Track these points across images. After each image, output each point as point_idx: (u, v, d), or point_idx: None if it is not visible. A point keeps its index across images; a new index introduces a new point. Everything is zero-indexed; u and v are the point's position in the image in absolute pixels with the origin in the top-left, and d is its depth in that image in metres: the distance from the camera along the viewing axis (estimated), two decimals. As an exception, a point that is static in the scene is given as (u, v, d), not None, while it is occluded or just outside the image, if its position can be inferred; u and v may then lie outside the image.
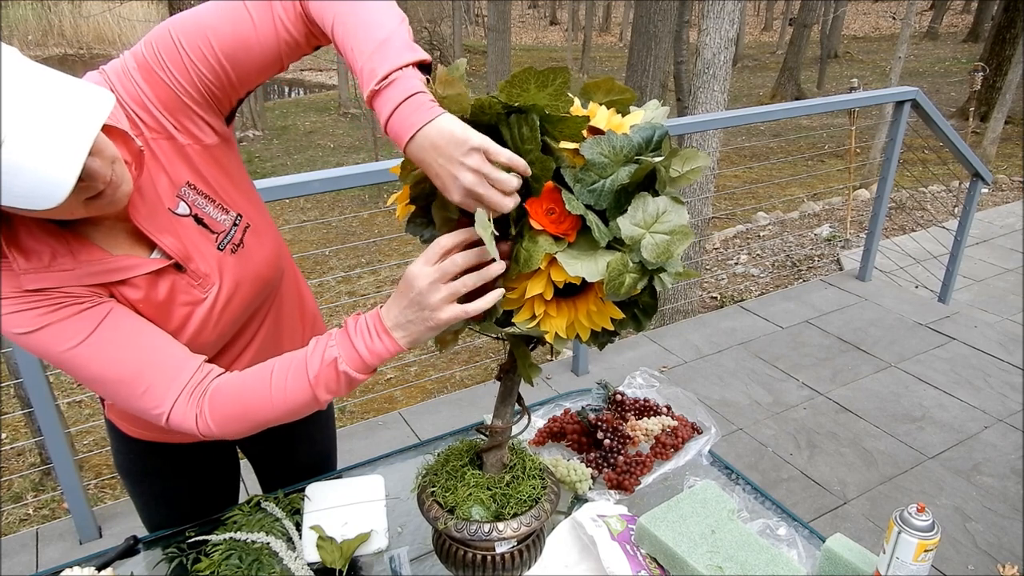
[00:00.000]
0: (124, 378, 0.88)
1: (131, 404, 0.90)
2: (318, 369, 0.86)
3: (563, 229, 0.77)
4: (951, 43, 17.42)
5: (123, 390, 0.89)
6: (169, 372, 0.89)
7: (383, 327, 0.84)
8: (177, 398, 0.89)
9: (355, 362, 0.85)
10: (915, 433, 2.66)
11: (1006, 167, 7.91)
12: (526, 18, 27.93)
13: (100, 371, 0.87)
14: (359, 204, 8.15)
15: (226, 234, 0.97)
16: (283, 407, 0.89)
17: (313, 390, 0.87)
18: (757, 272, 5.63)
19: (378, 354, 0.85)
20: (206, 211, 0.94)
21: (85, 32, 19.03)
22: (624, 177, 0.76)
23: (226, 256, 0.97)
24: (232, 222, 0.97)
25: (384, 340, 0.84)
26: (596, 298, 0.80)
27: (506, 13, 11.47)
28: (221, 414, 0.89)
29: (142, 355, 0.89)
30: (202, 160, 0.93)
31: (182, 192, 0.92)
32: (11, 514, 3.11)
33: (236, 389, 0.90)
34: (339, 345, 0.86)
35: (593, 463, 1.27)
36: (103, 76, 0.87)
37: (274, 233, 1.08)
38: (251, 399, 0.89)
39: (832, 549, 1.04)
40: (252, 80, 0.93)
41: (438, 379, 4.43)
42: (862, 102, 3.99)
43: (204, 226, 0.95)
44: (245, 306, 1.04)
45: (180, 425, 0.90)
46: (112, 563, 1.08)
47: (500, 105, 0.75)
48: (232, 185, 0.98)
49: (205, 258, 0.95)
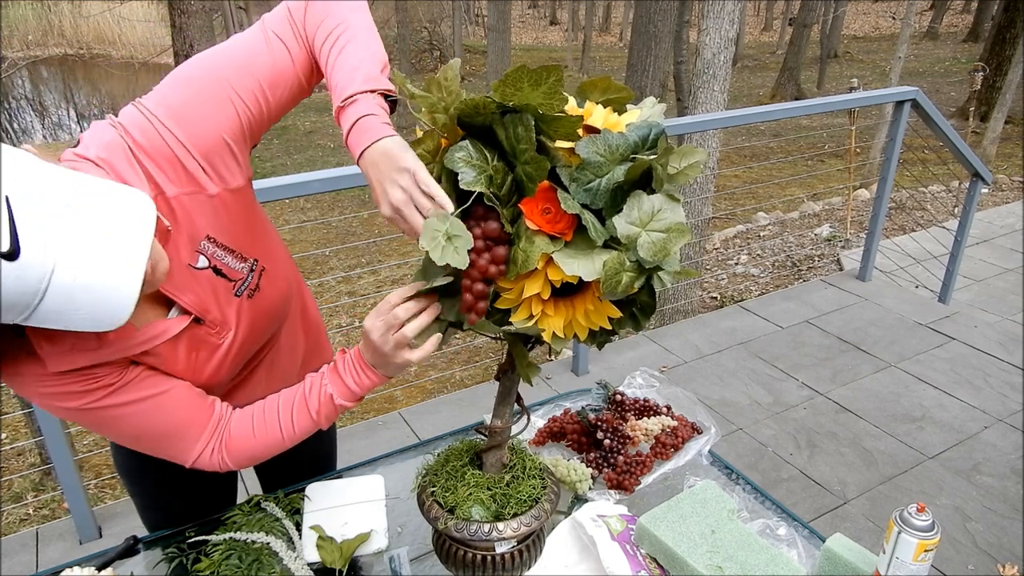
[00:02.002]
0: (152, 436, 0.95)
1: (159, 454, 0.98)
2: (318, 406, 0.99)
3: (559, 228, 0.77)
4: (951, 43, 17.42)
5: (151, 445, 0.97)
6: (194, 428, 0.96)
7: (365, 364, 0.96)
8: (203, 450, 0.97)
9: (348, 395, 0.98)
10: (915, 433, 2.66)
11: (1006, 167, 7.91)
12: (526, 18, 27.92)
13: (128, 433, 0.94)
14: (359, 204, 8.15)
15: (243, 281, 0.99)
16: (292, 441, 1.02)
17: (316, 422, 1.01)
18: (757, 272, 5.63)
19: (367, 386, 0.97)
20: (224, 261, 0.95)
21: (85, 32, 19.02)
22: (620, 175, 0.76)
23: (243, 301, 1.00)
24: (249, 268, 0.99)
25: (368, 374, 0.96)
26: (594, 297, 0.80)
27: (506, 13, 11.46)
28: (237, 456, 1.00)
29: (168, 416, 0.94)
30: (224, 208, 0.93)
31: (202, 246, 0.92)
32: (11, 514, 3.11)
33: (248, 432, 1.00)
34: (332, 383, 0.98)
35: (593, 463, 1.27)
36: (118, 129, 0.85)
37: (287, 264, 1.10)
38: (264, 442, 1.00)
39: (832, 549, 1.04)
40: (286, 107, 0.97)
41: (438, 379, 4.43)
42: (862, 102, 3.99)
43: (222, 275, 0.96)
44: (258, 343, 1.08)
45: (203, 468, 0.99)
46: (112, 563, 1.08)
47: (494, 105, 0.75)
48: (251, 228, 0.99)
49: (222, 307, 0.97)
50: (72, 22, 19.06)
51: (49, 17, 18.97)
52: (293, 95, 0.96)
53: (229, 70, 0.90)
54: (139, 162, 0.85)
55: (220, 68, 0.90)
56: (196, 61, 0.91)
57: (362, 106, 0.84)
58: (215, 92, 0.88)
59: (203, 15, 6.12)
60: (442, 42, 17.75)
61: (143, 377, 0.91)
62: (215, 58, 0.91)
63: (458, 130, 0.78)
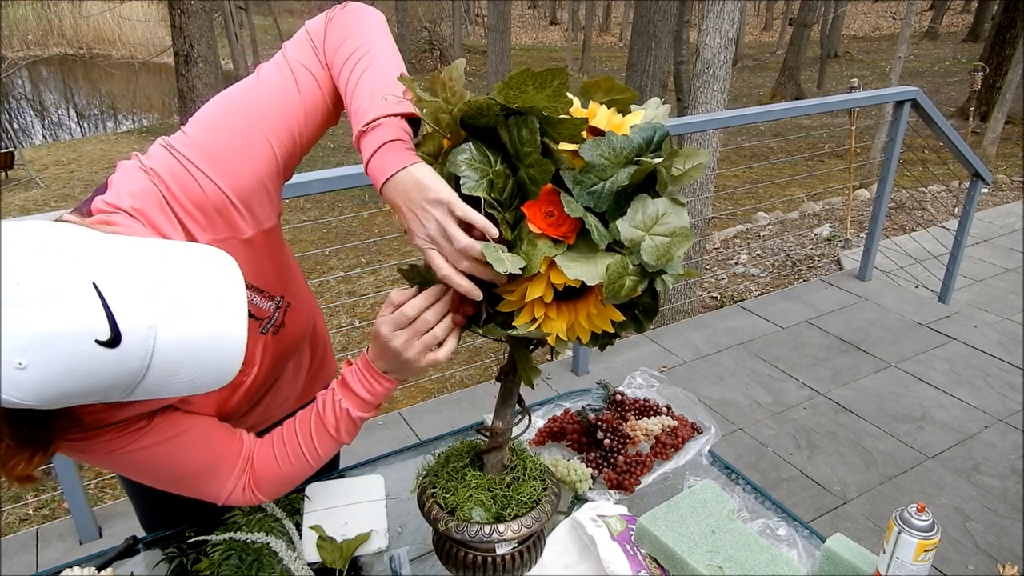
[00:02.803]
0: (187, 476, 0.94)
1: (194, 495, 0.96)
2: (336, 423, 0.96)
3: (562, 232, 0.76)
4: (951, 43, 17.42)
5: (187, 486, 0.95)
6: (225, 464, 0.95)
7: (377, 372, 0.92)
8: (235, 486, 0.96)
9: (363, 407, 0.95)
10: (915, 433, 2.66)
11: (1006, 167, 7.91)
12: (526, 18, 27.92)
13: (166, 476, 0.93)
14: (359, 204, 8.16)
15: (269, 319, 0.98)
16: (318, 462, 1.00)
17: (339, 440, 0.99)
18: (757, 272, 5.64)
19: (381, 394, 0.95)
20: (254, 302, 0.95)
21: (85, 32, 19.03)
22: (624, 179, 0.76)
23: (268, 338, 0.99)
24: (276, 306, 0.99)
25: (382, 382, 0.93)
26: (596, 300, 0.80)
27: (506, 13, 11.47)
28: (268, 489, 0.99)
29: (198, 452, 0.92)
30: (256, 251, 0.91)
31: None
32: (11, 514, 3.11)
33: (273, 464, 0.98)
34: (346, 398, 0.95)
35: (593, 463, 1.27)
36: (151, 176, 0.83)
37: (306, 294, 1.10)
38: (291, 470, 0.99)
39: (832, 549, 1.04)
40: (317, 136, 0.95)
41: (438, 379, 4.43)
42: (862, 102, 3.99)
43: (251, 316, 0.93)
44: (277, 374, 1.08)
45: (236, 503, 0.98)
46: (112, 563, 1.08)
47: (498, 107, 0.75)
48: (278, 265, 0.98)
49: (249, 346, 0.94)
50: (72, 22, 19.06)
51: (49, 17, 18.97)
52: (323, 123, 0.94)
53: (262, 110, 0.88)
54: (172, 211, 0.83)
55: (252, 109, 0.88)
56: (227, 103, 0.89)
57: (387, 131, 0.81)
58: (251, 136, 0.86)
59: (203, 15, 6.12)
60: (442, 42, 17.75)
61: (170, 415, 0.89)
62: (246, 98, 0.89)
63: (461, 131, 0.78)
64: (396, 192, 0.78)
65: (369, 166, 0.81)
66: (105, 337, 0.61)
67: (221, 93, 0.91)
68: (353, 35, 0.90)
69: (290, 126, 0.89)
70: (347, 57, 0.89)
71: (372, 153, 0.81)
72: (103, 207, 0.81)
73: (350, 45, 0.90)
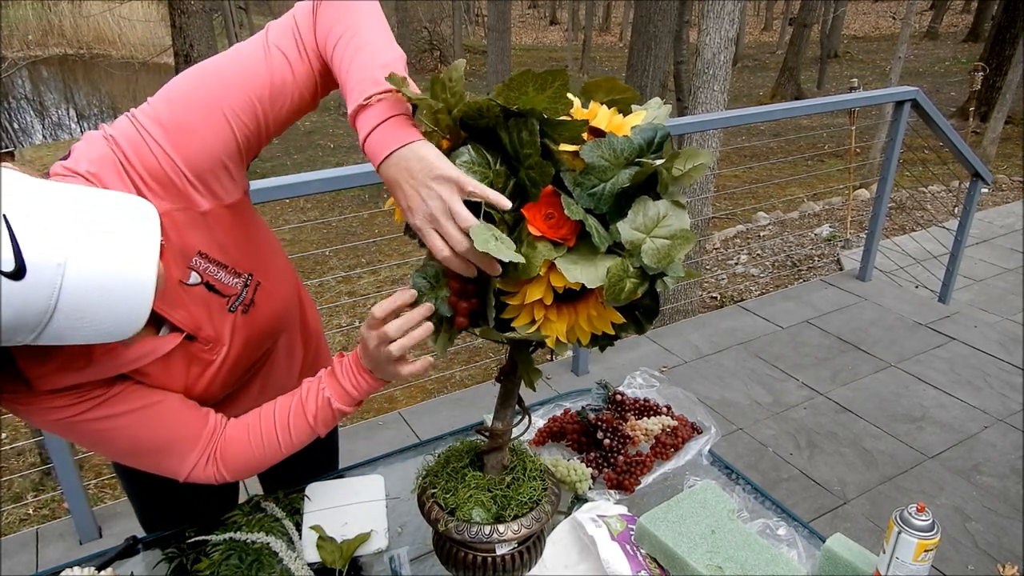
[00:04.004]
0: (144, 451, 0.93)
1: (151, 470, 0.96)
2: (315, 411, 0.97)
3: (562, 234, 0.76)
4: (951, 43, 17.41)
5: (143, 461, 0.95)
6: (187, 442, 0.94)
7: (363, 368, 0.95)
8: (196, 463, 0.96)
9: (345, 399, 0.97)
10: (915, 433, 2.66)
11: (1006, 167, 7.91)
12: (526, 18, 27.91)
13: (121, 449, 0.93)
14: (359, 204, 8.15)
15: (237, 296, 0.96)
16: (289, 448, 1.00)
17: (314, 429, 0.99)
18: (757, 272, 5.63)
19: (364, 390, 0.96)
20: (217, 277, 0.93)
21: (85, 32, 19.01)
22: (624, 180, 0.75)
23: (237, 317, 0.97)
24: (243, 284, 0.96)
25: (367, 378, 0.96)
26: (597, 303, 0.80)
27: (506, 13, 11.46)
28: (234, 466, 0.98)
29: (160, 430, 0.92)
30: (217, 224, 0.90)
31: (193, 262, 0.89)
32: (11, 514, 3.11)
33: (244, 442, 0.98)
34: (329, 387, 0.97)
35: (593, 463, 1.27)
36: (109, 142, 0.83)
37: (286, 277, 1.07)
38: (260, 449, 0.98)
39: (832, 549, 1.04)
40: (287, 122, 0.93)
41: (438, 379, 4.43)
42: (862, 102, 3.99)
43: (215, 291, 0.93)
44: (254, 358, 1.07)
45: (198, 480, 0.97)
46: (112, 563, 1.08)
47: (498, 108, 0.74)
48: (245, 242, 0.96)
49: (215, 323, 0.94)
50: (72, 22, 19.05)
51: (49, 17, 18.96)
52: (293, 109, 0.92)
53: (226, 87, 0.85)
54: (130, 178, 0.82)
55: (217, 85, 0.86)
56: (194, 76, 0.87)
57: (388, 107, 0.78)
58: (211, 111, 0.84)
59: (203, 15, 6.11)
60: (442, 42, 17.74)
61: (132, 389, 0.89)
62: (213, 74, 0.87)
63: (460, 132, 0.78)
64: (397, 169, 0.75)
65: (368, 141, 0.78)
66: (9, 268, 0.61)
67: (196, 65, 0.89)
68: (344, 16, 0.88)
69: (254, 107, 0.87)
70: (338, 38, 0.86)
71: (372, 128, 0.78)
72: (59, 171, 0.81)
73: (340, 28, 0.87)
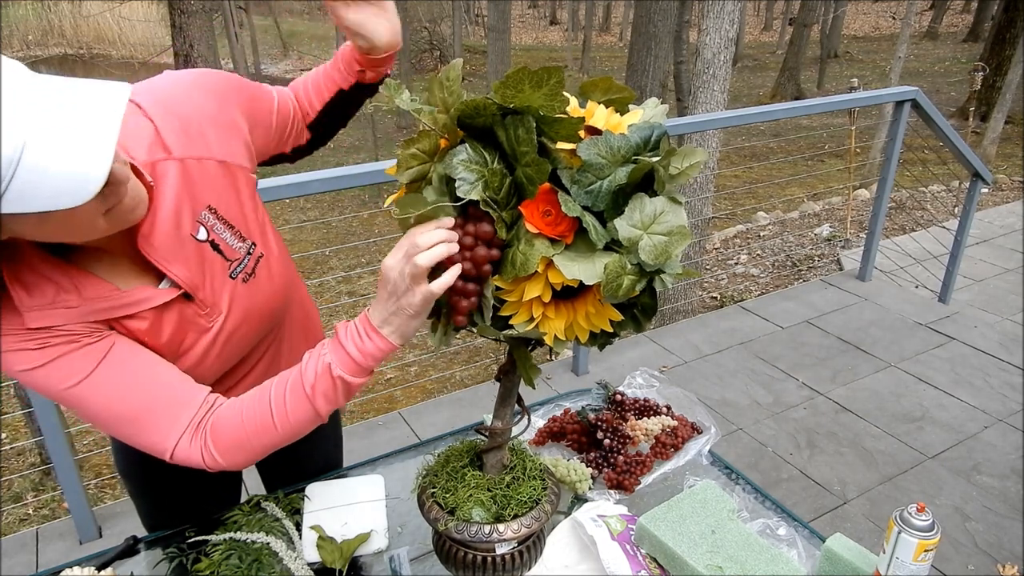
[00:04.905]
0: (127, 416, 0.86)
1: (135, 441, 0.89)
2: (313, 380, 0.86)
3: (559, 231, 0.76)
4: (951, 43, 17.42)
5: (126, 428, 0.88)
6: (174, 409, 0.88)
7: (370, 326, 0.84)
8: (181, 435, 0.87)
9: (348, 366, 0.85)
10: (915, 433, 2.66)
11: (1006, 167, 7.91)
12: (526, 18, 27.92)
13: (103, 409, 0.85)
14: (359, 204, 8.15)
15: (240, 262, 0.95)
16: (285, 428, 0.88)
17: (312, 403, 0.87)
18: (757, 272, 5.64)
19: (370, 354, 0.85)
20: (223, 237, 0.93)
21: (85, 32, 19.02)
22: (622, 178, 0.76)
23: (237, 285, 0.95)
24: (247, 250, 0.96)
25: (373, 339, 0.84)
26: (595, 300, 0.80)
27: (506, 13, 11.47)
28: (225, 445, 0.88)
29: (146, 393, 0.86)
30: (231, 181, 0.93)
31: (203, 216, 0.90)
32: (11, 514, 3.11)
33: (237, 417, 0.88)
34: (331, 352, 0.86)
35: (593, 463, 1.27)
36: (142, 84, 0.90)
37: (287, 265, 1.07)
38: (253, 425, 0.88)
39: (832, 549, 1.04)
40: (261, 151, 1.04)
41: (438, 379, 4.44)
42: (862, 102, 3.99)
43: (219, 252, 0.92)
44: (251, 337, 1.03)
45: (186, 461, 0.88)
46: (112, 563, 1.08)
47: (495, 107, 0.75)
48: (252, 211, 0.97)
49: (215, 286, 0.93)
50: (72, 22, 19.05)
51: (49, 17, 18.96)
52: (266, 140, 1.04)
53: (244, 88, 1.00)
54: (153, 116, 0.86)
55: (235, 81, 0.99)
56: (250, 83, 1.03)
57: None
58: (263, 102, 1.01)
59: (203, 15, 6.11)
60: (442, 42, 17.74)
61: (123, 344, 0.86)
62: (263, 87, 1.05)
63: (458, 131, 0.78)
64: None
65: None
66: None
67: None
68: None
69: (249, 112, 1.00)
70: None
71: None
72: None
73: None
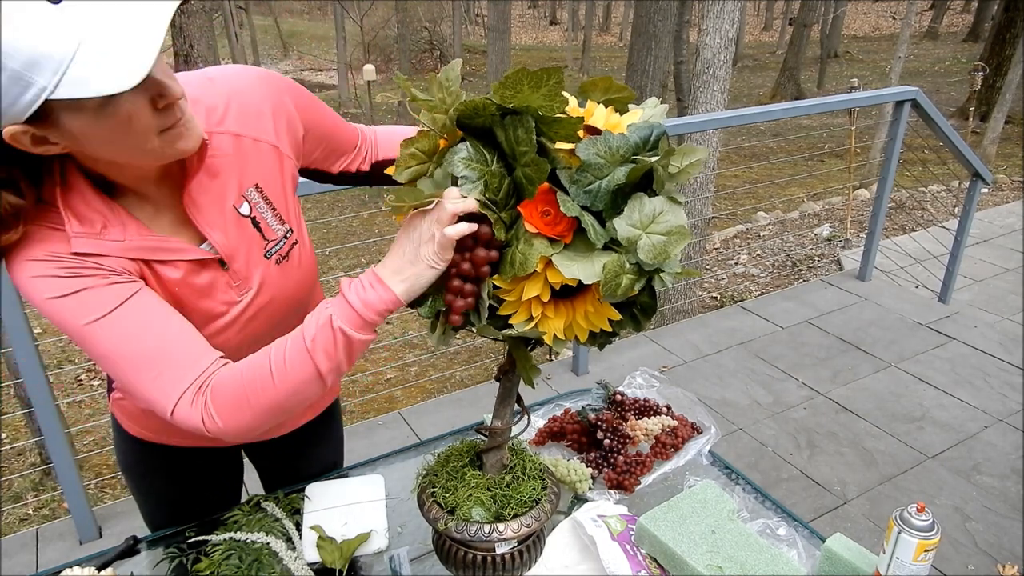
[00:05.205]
0: (137, 361, 0.85)
1: (140, 392, 0.87)
2: (314, 332, 0.83)
3: (558, 231, 0.76)
4: (951, 43, 17.43)
5: (133, 375, 0.85)
6: (184, 364, 0.86)
7: (376, 277, 0.82)
8: (183, 393, 0.85)
9: (350, 317, 0.82)
10: (915, 433, 2.66)
11: (1006, 167, 7.91)
12: (526, 18, 27.94)
13: (115, 349, 0.84)
14: (359, 204, 8.16)
15: (276, 243, 0.98)
16: (284, 384, 0.84)
17: (312, 357, 0.83)
18: (757, 272, 5.64)
19: (372, 305, 0.82)
20: (265, 216, 0.96)
21: None
22: (620, 177, 0.76)
23: (270, 265, 0.98)
24: (284, 234, 0.99)
25: (377, 288, 0.82)
26: (594, 299, 0.80)
27: (506, 13, 11.47)
28: (223, 405, 0.84)
29: (160, 342, 0.86)
30: (279, 167, 0.98)
31: (248, 192, 0.94)
32: (11, 514, 3.11)
33: (237, 377, 0.86)
34: (334, 304, 0.83)
35: (593, 463, 1.27)
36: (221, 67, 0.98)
37: (314, 259, 1.10)
38: (252, 383, 0.85)
39: (832, 549, 1.04)
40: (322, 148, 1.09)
41: (438, 379, 4.44)
42: (862, 102, 3.99)
43: (259, 230, 0.96)
44: (272, 323, 1.03)
45: (186, 421, 0.85)
46: (112, 563, 1.08)
47: (494, 107, 0.75)
48: (293, 200, 1.02)
49: (250, 261, 0.96)
50: (72, 22, 19.04)
51: (49, 17, 18.94)
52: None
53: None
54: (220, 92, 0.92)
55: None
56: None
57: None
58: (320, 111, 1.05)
59: (203, 15, 6.11)
60: (442, 42, 17.76)
61: (148, 293, 0.87)
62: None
63: (457, 131, 0.78)
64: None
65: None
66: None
67: None
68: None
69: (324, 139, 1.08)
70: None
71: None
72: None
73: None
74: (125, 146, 0.78)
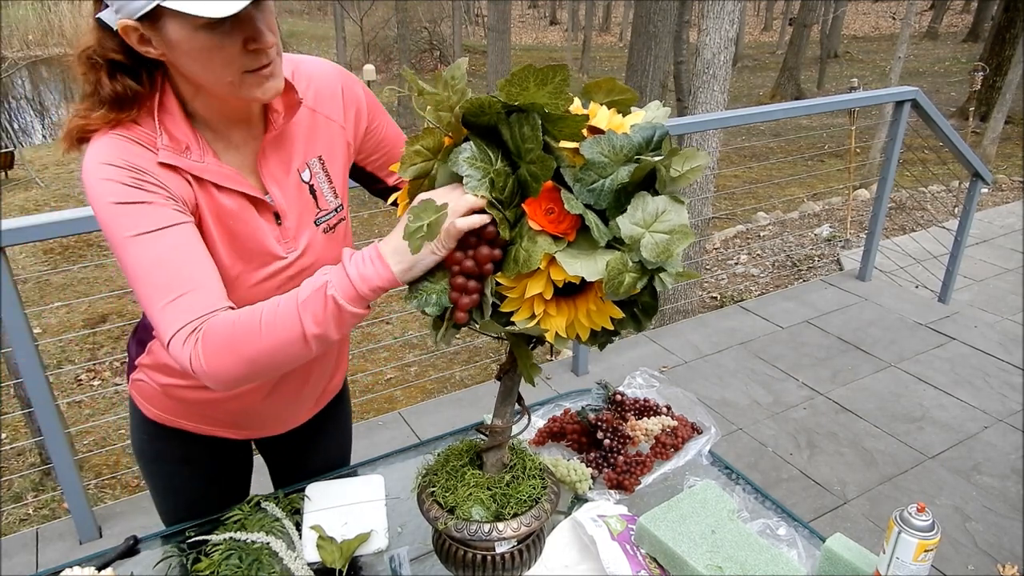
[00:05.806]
0: (160, 283, 0.87)
1: (151, 312, 0.88)
2: (308, 294, 0.84)
3: (562, 229, 0.77)
4: (951, 43, 17.43)
5: (153, 293, 0.87)
6: (197, 300, 0.87)
7: (377, 252, 0.83)
8: (185, 324, 0.86)
9: (344, 288, 0.83)
10: (915, 433, 2.66)
11: (1006, 167, 7.92)
12: (526, 18, 27.95)
13: (146, 266, 0.87)
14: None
15: (327, 213, 1.05)
16: (270, 339, 0.84)
17: (299, 316, 0.83)
18: (757, 272, 5.64)
19: (368, 280, 0.82)
20: (321, 186, 1.04)
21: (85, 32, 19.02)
22: (624, 176, 0.76)
23: (318, 233, 1.04)
24: (335, 207, 1.07)
25: (376, 264, 0.82)
26: (596, 297, 0.80)
27: (506, 13, 11.47)
28: (211, 345, 0.85)
29: (187, 272, 0.88)
30: (343, 146, 1.07)
31: (312, 162, 1.03)
32: (11, 514, 3.11)
33: (229, 321, 0.87)
34: (333, 271, 0.85)
35: (593, 463, 1.27)
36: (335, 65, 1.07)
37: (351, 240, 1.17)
38: (242, 329, 0.85)
39: (832, 549, 1.04)
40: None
41: (438, 379, 4.44)
42: (862, 102, 3.99)
43: (314, 197, 1.03)
44: None
45: (178, 356, 0.86)
46: (112, 563, 1.08)
47: (500, 104, 0.75)
48: (346, 182, 1.10)
49: (300, 223, 1.02)
50: (72, 22, 19.05)
51: (49, 17, 18.96)
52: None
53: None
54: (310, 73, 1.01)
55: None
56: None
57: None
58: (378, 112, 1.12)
59: (203, 15, 6.11)
60: (442, 42, 17.77)
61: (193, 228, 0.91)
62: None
63: (462, 129, 0.79)
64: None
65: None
66: None
67: None
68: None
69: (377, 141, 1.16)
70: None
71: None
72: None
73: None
74: (209, 71, 0.84)
